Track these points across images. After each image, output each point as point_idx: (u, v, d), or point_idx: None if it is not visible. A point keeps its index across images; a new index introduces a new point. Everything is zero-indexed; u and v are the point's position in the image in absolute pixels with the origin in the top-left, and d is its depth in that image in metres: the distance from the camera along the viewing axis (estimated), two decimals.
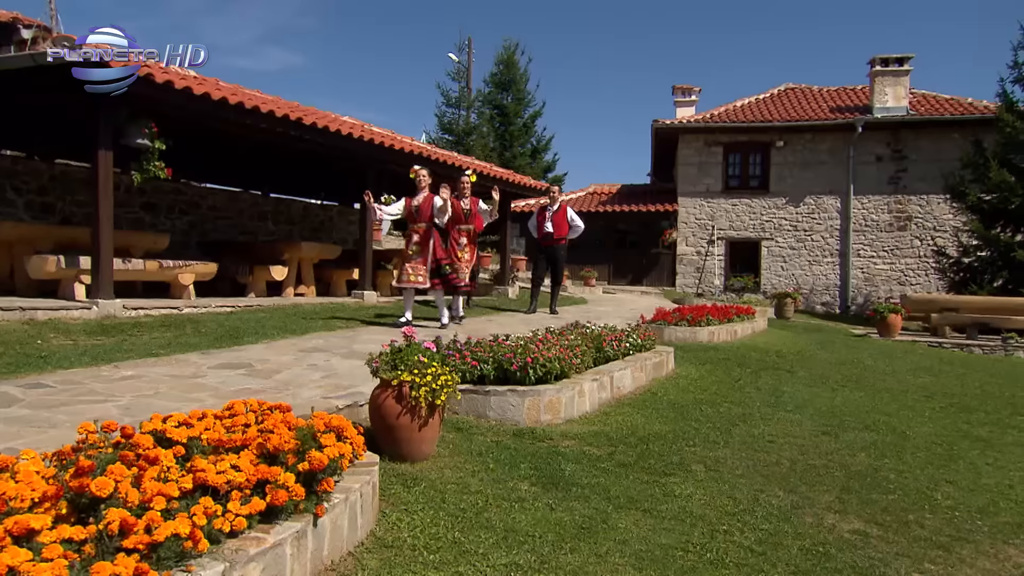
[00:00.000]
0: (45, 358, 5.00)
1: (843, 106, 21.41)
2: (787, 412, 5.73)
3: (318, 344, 6.43)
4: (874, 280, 20.52)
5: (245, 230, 13.12)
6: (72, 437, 3.26)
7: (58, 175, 9.99)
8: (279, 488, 2.43)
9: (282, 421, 2.78)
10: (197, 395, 4.32)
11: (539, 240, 10.65)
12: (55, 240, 7.72)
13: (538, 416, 4.76)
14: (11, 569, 1.79)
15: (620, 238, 22.65)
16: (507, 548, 2.96)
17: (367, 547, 2.84)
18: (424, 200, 7.91)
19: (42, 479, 2.22)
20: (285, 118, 8.22)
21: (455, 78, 31.23)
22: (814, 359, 8.67)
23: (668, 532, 3.28)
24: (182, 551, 2.08)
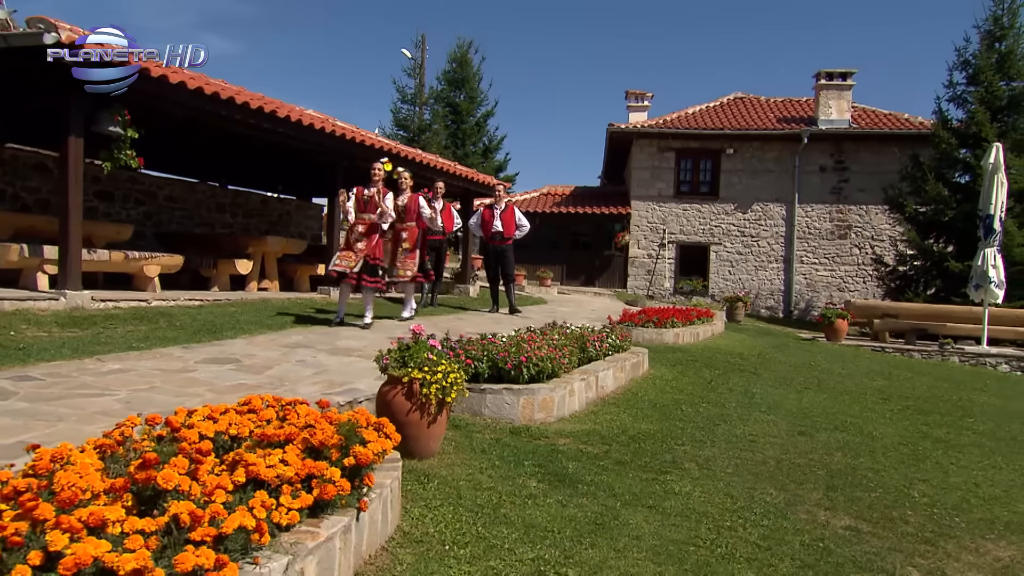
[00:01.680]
0: (24, 350, 4.83)
1: (790, 117, 22.19)
2: (761, 413, 5.97)
3: (299, 340, 6.37)
4: (815, 286, 21.32)
5: (202, 222, 12.80)
6: (81, 430, 3.22)
7: (8, 160, 9.56)
8: (326, 482, 2.46)
9: (322, 416, 2.79)
10: (194, 389, 4.26)
11: (487, 239, 10.68)
12: (15, 228, 7.41)
13: (532, 414, 4.86)
14: (96, 559, 1.79)
15: (574, 239, 22.93)
16: (530, 543, 3.05)
17: (398, 542, 2.88)
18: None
19: (97, 471, 2.20)
20: (260, 110, 8.08)
21: (410, 74, 30.99)
22: (774, 361, 9.02)
23: (676, 528, 3.42)
24: (247, 544, 2.10)
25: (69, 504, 1.95)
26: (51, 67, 6.02)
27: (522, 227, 10.50)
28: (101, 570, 1.81)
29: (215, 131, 9.14)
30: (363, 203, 7.86)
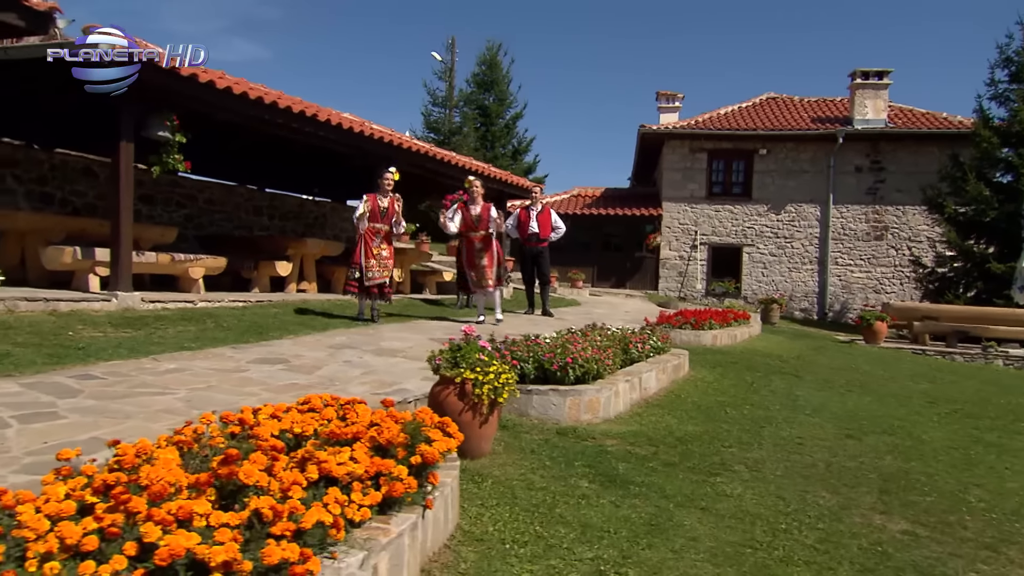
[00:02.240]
0: (83, 350, 4.97)
1: (824, 117, 21.92)
2: (806, 415, 5.92)
3: (343, 341, 6.46)
4: (851, 288, 21.03)
5: (241, 224, 13.01)
6: (149, 427, 3.31)
7: (58, 164, 9.82)
8: (395, 480, 2.51)
9: (387, 415, 2.84)
10: (249, 389, 4.35)
11: (523, 241, 10.69)
12: (66, 230, 7.62)
13: (578, 415, 4.88)
14: (188, 551, 1.85)
15: (604, 241, 22.87)
16: (588, 543, 3.07)
17: (459, 540, 2.92)
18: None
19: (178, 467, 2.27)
20: (301, 114, 8.21)
21: (441, 77, 31.19)
22: (815, 364, 8.92)
23: (732, 530, 3.42)
24: (324, 539, 2.16)
25: (159, 498, 2.02)
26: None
27: (558, 229, 10.52)
28: (192, 561, 1.87)
29: (255, 135, 9.28)
30: (379, 212, 7.98)
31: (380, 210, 8.00)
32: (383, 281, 7.99)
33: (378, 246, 7.99)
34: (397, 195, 8.21)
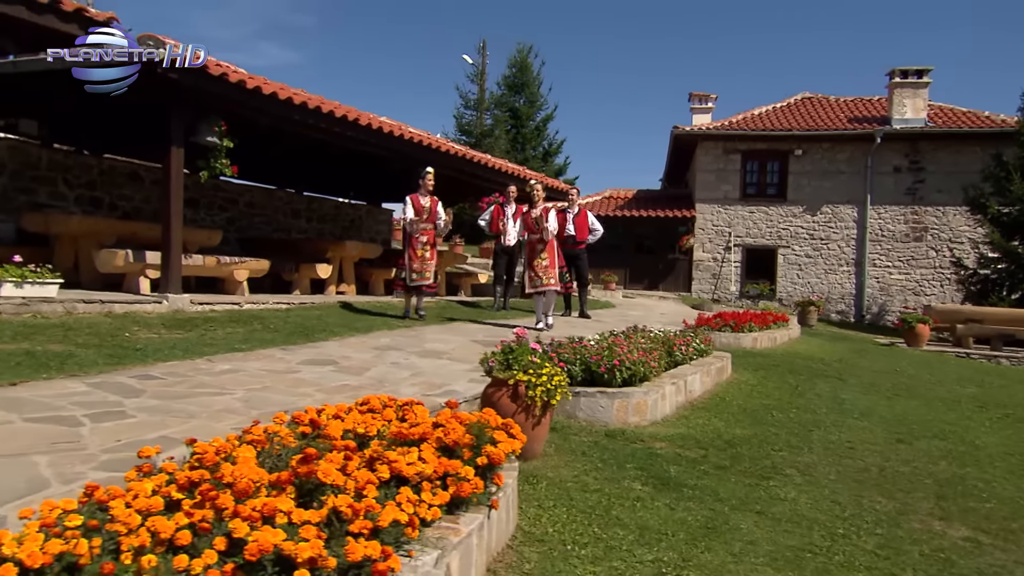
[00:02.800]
0: (141, 351, 5.10)
1: (861, 116, 21.59)
2: (854, 419, 5.85)
3: (387, 342, 6.53)
4: (889, 290, 20.68)
5: (279, 227, 13.21)
6: (212, 427, 3.39)
7: (106, 169, 10.07)
8: (462, 480, 2.54)
9: (452, 416, 2.88)
10: (303, 390, 4.42)
11: (559, 243, 10.67)
12: (117, 234, 7.82)
13: (626, 418, 4.88)
14: (276, 547, 1.90)
15: (637, 243, 22.77)
16: (647, 545, 3.08)
17: (520, 540, 2.95)
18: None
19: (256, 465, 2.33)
20: (344, 118, 8.33)
21: (473, 80, 31.33)
22: (857, 367, 8.80)
23: (789, 534, 3.40)
24: (399, 537, 2.20)
25: (244, 495, 2.08)
26: (158, 81, 6.33)
27: (595, 231, 10.52)
28: (279, 557, 1.92)
29: (295, 138, 9.40)
30: (423, 211, 8.11)
31: (424, 210, 8.13)
32: (429, 280, 8.16)
33: (423, 246, 8.12)
34: (435, 196, 8.34)
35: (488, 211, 10.71)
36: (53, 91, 7.18)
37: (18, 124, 8.93)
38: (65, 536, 1.89)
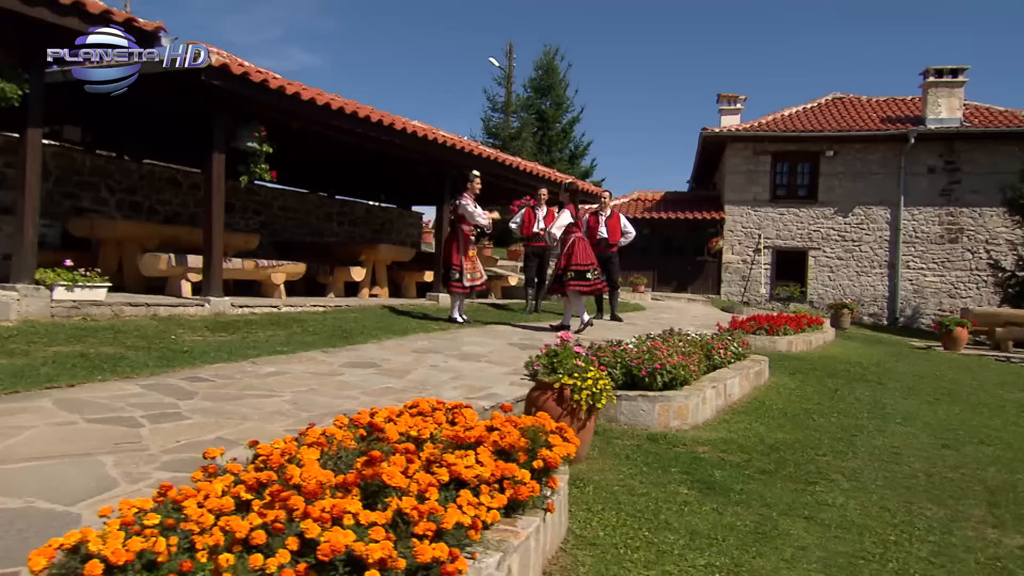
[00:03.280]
0: (188, 353, 5.20)
1: (894, 117, 21.29)
2: (897, 424, 5.78)
3: (425, 345, 6.59)
4: (923, 292, 20.35)
5: (312, 230, 13.36)
6: (265, 428, 3.45)
7: (146, 174, 10.27)
8: (519, 484, 2.57)
9: (507, 420, 2.91)
10: (348, 392, 4.48)
11: (592, 246, 10.66)
12: (160, 238, 7.97)
13: (668, 421, 4.87)
14: (347, 548, 1.94)
15: (665, 245, 22.68)
16: (698, 550, 3.07)
17: (573, 543, 2.97)
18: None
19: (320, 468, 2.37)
20: (379, 123, 8.42)
21: (500, 83, 31.41)
22: (896, 371, 8.69)
23: (840, 540, 3.37)
24: (461, 539, 2.22)
25: (313, 496, 2.12)
26: (200, 88, 6.45)
27: (627, 234, 10.50)
28: (351, 557, 1.96)
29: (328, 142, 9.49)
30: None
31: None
32: (482, 279, 8.32)
33: (472, 247, 8.27)
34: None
35: (520, 214, 10.74)
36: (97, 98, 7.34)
37: (63, 131, 9.15)
38: (144, 534, 1.95)
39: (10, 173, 8.31)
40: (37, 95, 5.77)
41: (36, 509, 2.37)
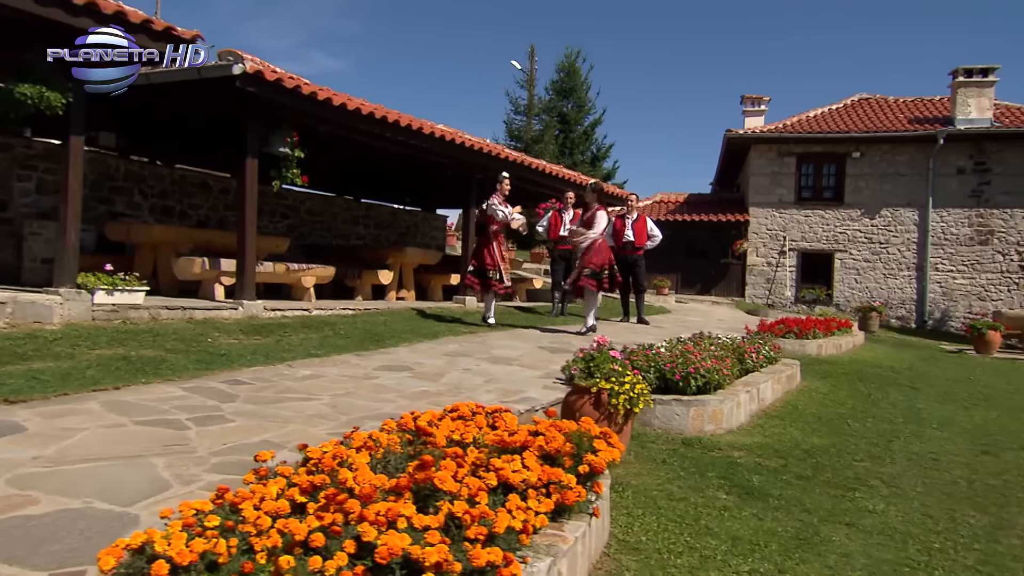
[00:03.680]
0: (225, 356, 5.28)
1: (922, 117, 21.01)
2: (934, 429, 5.71)
3: (456, 349, 6.62)
4: (952, 295, 20.05)
5: (338, 233, 13.47)
6: (307, 431, 3.50)
7: (178, 179, 10.43)
8: (565, 489, 2.58)
9: (551, 425, 2.92)
10: (386, 395, 4.52)
11: (618, 249, 10.62)
12: (193, 242, 8.09)
13: (702, 426, 4.86)
14: (404, 551, 1.96)
15: (688, 247, 22.55)
16: (741, 556, 3.06)
17: (616, 548, 2.98)
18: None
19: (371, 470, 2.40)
20: (408, 127, 8.48)
21: (522, 86, 31.46)
22: (929, 375, 8.58)
23: (883, 547, 3.35)
24: (513, 543, 2.24)
25: (368, 499, 2.15)
26: (236, 95, 6.54)
27: (654, 237, 10.47)
28: (407, 560, 1.98)
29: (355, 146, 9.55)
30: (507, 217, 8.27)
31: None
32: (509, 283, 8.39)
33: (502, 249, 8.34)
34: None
35: (546, 217, 10.76)
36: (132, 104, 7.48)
37: (98, 137, 9.31)
38: (206, 535, 1.99)
39: (48, 179, 8.49)
40: (79, 103, 5.89)
41: (95, 509, 2.43)
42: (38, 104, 5.52)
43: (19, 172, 8.26)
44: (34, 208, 8.35)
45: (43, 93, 5.49)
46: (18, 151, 8.28)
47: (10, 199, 8.19)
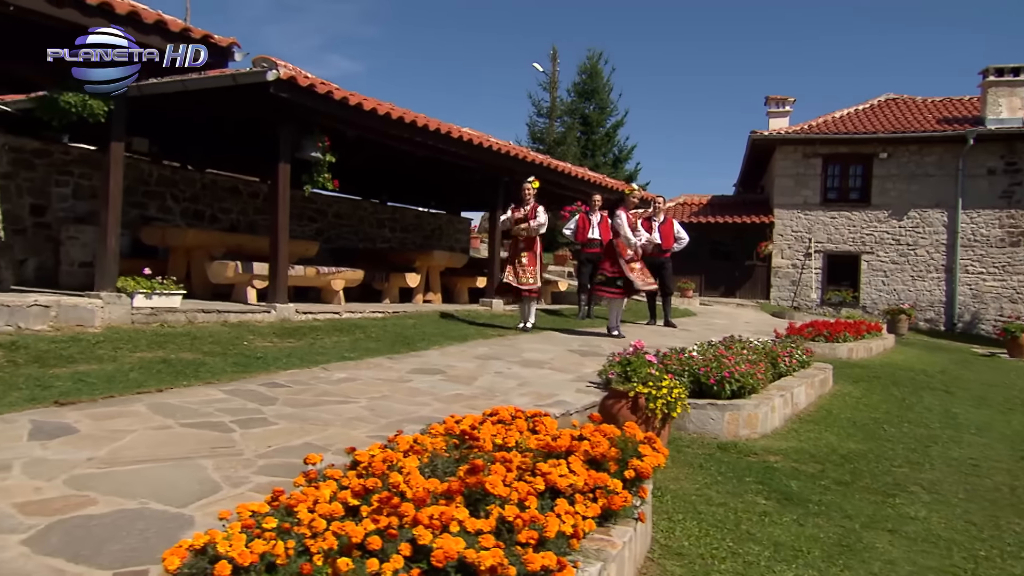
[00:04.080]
0: (261, 359, 5.35)
1: (951, 117, 20.72)
2: (972, 435, 5.64)
3: (486, 352, 6.64)
4: (983, 297, 19.73)
5: (365, 237, 13.57)
6: (349, 434, 3.54)
7: (208, 183, 10.57)
8: (612, 493, 2.58)
9: (596, 430, 2.93)
10: (421, 399, 4.56)
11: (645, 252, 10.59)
12: (226, 246, 8.21)
13: (737, 430, 4.84)
14: (460, 554, 1.98)
15: (712, 249, 22.41)
16: (784, 562, 3.05)
17: (659, 553, 2.98)
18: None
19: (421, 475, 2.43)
20: (437, 131, 8.53)
21: (545, 88, 31.49)
22: (962, 379, 8.46)
23: (927, 555, 3.31)
24: (564, 548, 2.25)
25: (421, 503, 2.18)
26: (269, 100, 6.63)
27: (681, 240, 10.44)
28: (462, 564, 2.01)
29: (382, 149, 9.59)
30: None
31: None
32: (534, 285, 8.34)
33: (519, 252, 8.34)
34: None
35: (573, 219, 10.76)
36: (164, 110, 7.62)
37: (132, 142, 9.46)
38: (264, 537, 2.03)
39: (84, 184, 8.66)
40: (120, 110, 6.00)
41: (151, 510, 2.48)
42: (81, 112, 5.64)
43: (57, 178, 8.43)
44: (71, 213, 8.52)
45: (86, 101, 5.61)
46: (56, 157, 8.45)
47: (48, 204, 8.36)
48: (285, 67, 6.54)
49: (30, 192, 8.20)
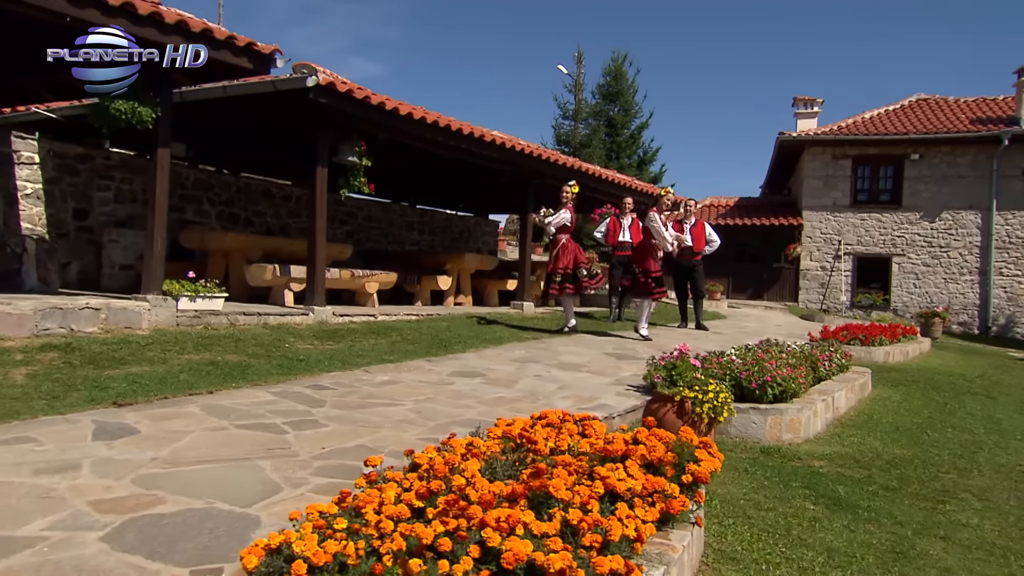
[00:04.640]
0: (304, 361, 5.42)
1: (984, 118, 20.37)
2: (1018, 441, 5.56)
3: (522, 355, 6.67)
4: (1018, 300, 19.38)
5: (394, 239, 13.66)
6: (400, 436, 3.58)
7: (242, 187, 10.72)
8: (670, 498, 2.59)
9: (651, 434, 2.94)
10: (464, 401, 4.59)
11: (677, 255, 10.55)
12: (263, 249, 8.32)
13: (780, 435, 4.81)
14: (529, 557, 2.00)
15: (739, 251, 22.23)
16: (838, 568, 3.04)
17: (712, 557, 2.98)
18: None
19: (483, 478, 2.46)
20: (471, 135, 8.58)
21: (570, 90, 31.47)
22: (1003, 384, 8.33)
23: (984, 563, 3.28)
24: (626, 551, 2.26)
25: (488, 506, 2.20)
26: (308, 106, 6.71)
27: (712, 242, 10.39)
28: (531, 566, 2.03)
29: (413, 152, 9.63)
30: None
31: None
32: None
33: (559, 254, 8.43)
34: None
35: (604, 223, 10.75)
36: (202, 116, 7.76)
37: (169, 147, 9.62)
38: (336, 537, 2.07)
39: (124, 188, 8.83)
40: (166, 116, 6.12)
41: (218, 510, 2.53)
42: (131, 119, 5.75)
43: (99, 182, 8.60)
44: (112, 217, 8.69)
45: (136, 108, 5.72)
46: (98, 162, 8.63)
47: (90, 208, 8.54)
48: (324, 73, 6.62)
49: (73, 197, 8.39)
